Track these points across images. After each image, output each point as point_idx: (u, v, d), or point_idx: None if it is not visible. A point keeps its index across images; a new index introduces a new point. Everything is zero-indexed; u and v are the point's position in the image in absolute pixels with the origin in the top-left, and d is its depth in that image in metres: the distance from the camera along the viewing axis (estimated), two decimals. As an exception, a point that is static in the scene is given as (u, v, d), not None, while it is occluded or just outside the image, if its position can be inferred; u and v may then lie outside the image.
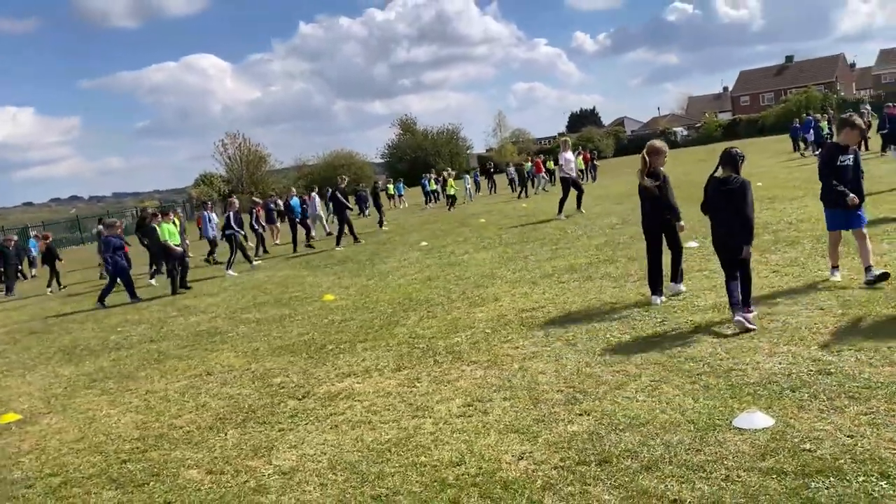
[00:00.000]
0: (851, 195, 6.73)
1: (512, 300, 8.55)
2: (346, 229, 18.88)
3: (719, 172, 6.32)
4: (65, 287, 19.24)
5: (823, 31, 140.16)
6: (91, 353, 9.33)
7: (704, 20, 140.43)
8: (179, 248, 14.82)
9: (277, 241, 23.81)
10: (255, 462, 4.69)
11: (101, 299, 13.91)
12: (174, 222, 16.01)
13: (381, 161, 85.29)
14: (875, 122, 26.53)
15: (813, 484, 3.35)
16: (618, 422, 4.40)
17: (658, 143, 7.53)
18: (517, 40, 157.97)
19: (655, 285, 7.31)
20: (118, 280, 14.30)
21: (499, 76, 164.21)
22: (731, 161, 6.25)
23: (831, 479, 3.38)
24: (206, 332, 9.48)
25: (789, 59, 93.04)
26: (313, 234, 22.69)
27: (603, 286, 8.53)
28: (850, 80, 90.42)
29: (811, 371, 4.76)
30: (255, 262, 17.15)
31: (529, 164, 34.21)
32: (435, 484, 3.95)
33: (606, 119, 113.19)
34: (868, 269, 6.67)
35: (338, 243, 18.67)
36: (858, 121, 7.16)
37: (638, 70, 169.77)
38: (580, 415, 4.61)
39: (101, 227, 19.57)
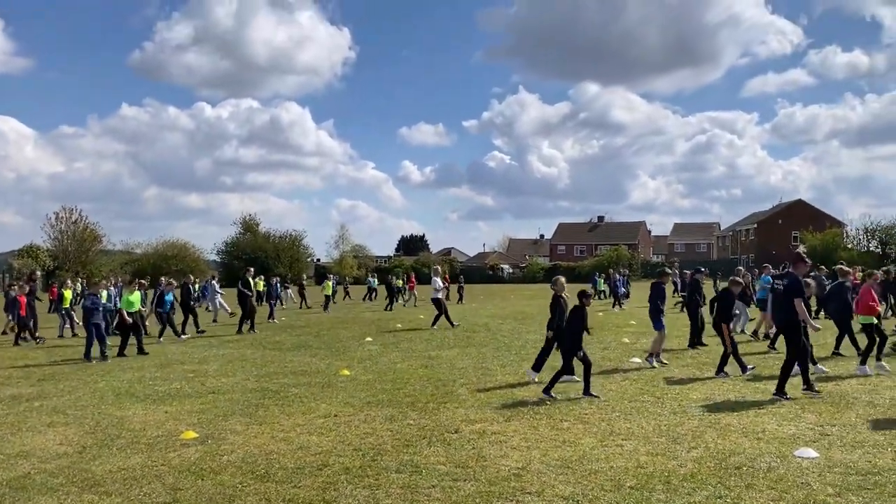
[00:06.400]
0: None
1: (528, 386, 10.97)
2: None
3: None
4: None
5: (617, 197, 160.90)
6: (159, 400, 10.45)
7: (519, 171, 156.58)
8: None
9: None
10: (487, 463, 6.72)
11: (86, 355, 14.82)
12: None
13: (217, 258, 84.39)
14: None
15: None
16: (721, 453, 7.03)
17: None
18: (349, 159, 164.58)
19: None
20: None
21: (325, 189, 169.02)
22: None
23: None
24: (263, 391, 10.91)
25: (601, 218, 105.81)
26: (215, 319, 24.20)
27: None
28: (649, 244, 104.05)
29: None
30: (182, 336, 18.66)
31: (396, 279, 37.45)
32: (645, 477, 6.30)
33: (434, 247, 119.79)
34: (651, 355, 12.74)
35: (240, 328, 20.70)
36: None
37: (457, 205, 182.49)
38: (692, 448, 7.18)
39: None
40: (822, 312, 19.63)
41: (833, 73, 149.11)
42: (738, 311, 16.50)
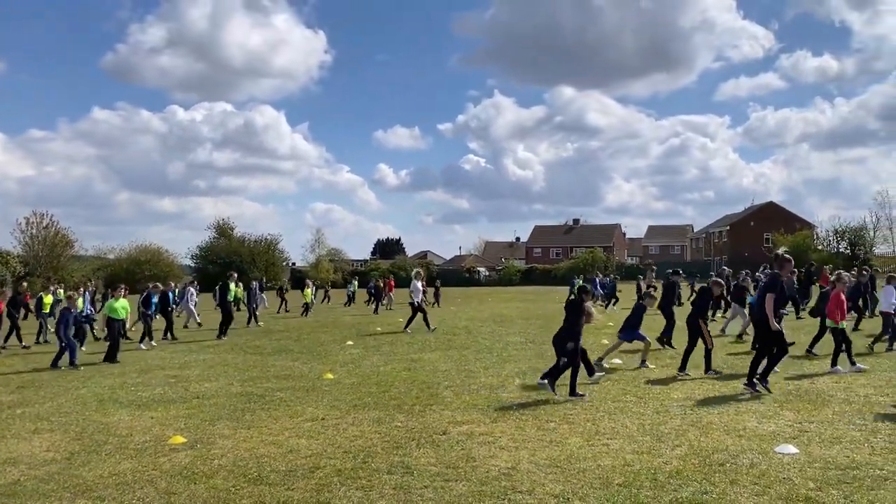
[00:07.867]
0: None
1: (512, 387, 11.10)
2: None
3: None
4: None
5: (592, 200, 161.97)
6: (143, 405, 10.43)
7: (495, 174, 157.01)
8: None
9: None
10: (477, 464, 6.83)
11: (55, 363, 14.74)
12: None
13: (192, 262, 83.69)
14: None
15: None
16: (705, 450, 7.20)
17: None
18: (324, 162, 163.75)
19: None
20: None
21: (300, 193, 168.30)
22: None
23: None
24: (247, 395, 10.93)
25: (576, 221, 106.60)
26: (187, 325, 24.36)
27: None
28: (624, 246, 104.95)
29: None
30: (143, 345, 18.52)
31: (380, 283, 37.44)
32: (632, 474, 6.45)
33: (409, 251, 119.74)
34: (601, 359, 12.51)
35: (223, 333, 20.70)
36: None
37: (432, 209, 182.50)
38: (676, 446, 7.34)
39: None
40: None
41: (803, 78, 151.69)
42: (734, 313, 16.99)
